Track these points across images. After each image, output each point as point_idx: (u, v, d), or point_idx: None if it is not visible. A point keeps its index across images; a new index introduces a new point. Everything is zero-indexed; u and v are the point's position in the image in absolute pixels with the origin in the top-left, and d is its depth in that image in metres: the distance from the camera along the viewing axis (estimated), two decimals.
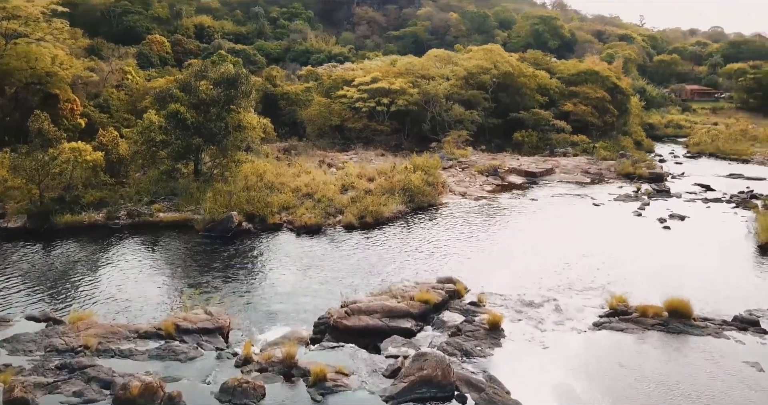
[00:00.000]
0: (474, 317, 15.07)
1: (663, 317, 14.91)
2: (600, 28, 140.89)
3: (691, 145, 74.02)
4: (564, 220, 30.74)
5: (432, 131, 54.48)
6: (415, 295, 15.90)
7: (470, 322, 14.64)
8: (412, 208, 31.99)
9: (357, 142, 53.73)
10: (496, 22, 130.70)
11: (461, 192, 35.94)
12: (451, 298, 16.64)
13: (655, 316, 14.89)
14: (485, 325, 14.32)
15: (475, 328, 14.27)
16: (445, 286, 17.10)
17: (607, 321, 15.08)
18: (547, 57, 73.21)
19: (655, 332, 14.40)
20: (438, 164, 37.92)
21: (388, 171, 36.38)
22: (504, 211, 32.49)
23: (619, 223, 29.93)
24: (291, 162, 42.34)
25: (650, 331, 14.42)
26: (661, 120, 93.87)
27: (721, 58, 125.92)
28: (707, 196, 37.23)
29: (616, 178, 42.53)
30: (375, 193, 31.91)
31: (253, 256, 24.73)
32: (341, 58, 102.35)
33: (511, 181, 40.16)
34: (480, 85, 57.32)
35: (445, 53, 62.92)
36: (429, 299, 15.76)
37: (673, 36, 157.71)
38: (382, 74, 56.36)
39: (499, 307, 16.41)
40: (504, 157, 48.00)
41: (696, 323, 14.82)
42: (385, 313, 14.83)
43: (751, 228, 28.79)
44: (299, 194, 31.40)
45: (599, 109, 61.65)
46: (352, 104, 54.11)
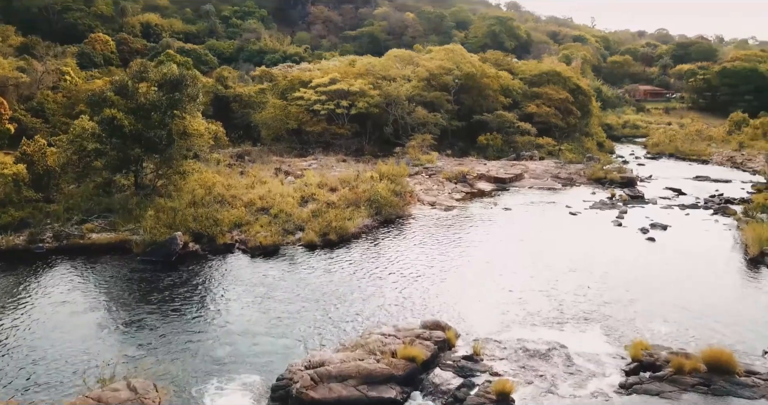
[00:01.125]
0: (473, 378, 12.24)
1: (702, 373, 12.39)
2: (554, 30, 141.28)
3: (651, 145, 73.65)
4: (542, 232, 28.36)
5: (395, 135, 51.67)
6: (397, 349, 12.94)
7: (470, 387, 11.80)
8: (379, 222, 29.05)
9: (316, 147, 50.43)
10: (453, 23, 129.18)
11: (430, 201, 33.21)
12: (441, 351, 13.73)
13: (693, 371, 12.34)
14: (491, 394, 11.44)
15: (479, 400, 11.37)
16: (433, 335, 14.17)
17: (636, 382, 12.41)
18: (508, 57, 71.47)
19: (696, 395, 11.85)
20: (405, 172, 35.13)
21: (352, 180, 33.34)
22: (477, 223, 29.90)
23: (600, 235, 27.73)
24: (245, 170, 38.81)
25: (690, 394, 11.87)
26: (618, 120, 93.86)
27: (670, 59, 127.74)
28: (683, 201, 35.67)
29: (587, 182, 40.63)
30: (338, 205, 28.82)
31: (199, 284, 21.29)
32: (297, 58, 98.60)
33: (481, 188, 37.69)
34: (442, 87, 54.83)
35: (406, 53, 60.23)
36: (415, 356, 12.81)
37: (624, 37, 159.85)
38: (341, 75, 53.21)
39: (500, 360, 13.57)
40: (471, 162, 45.60)
41: (742, 380, 12.30)
42: (362, 378, 11.82)
43: (736, 238, 27.08)
44: (253, 209, 28.00)
45: (562, 111, 60.10)
46: (309, 107, 50.73)
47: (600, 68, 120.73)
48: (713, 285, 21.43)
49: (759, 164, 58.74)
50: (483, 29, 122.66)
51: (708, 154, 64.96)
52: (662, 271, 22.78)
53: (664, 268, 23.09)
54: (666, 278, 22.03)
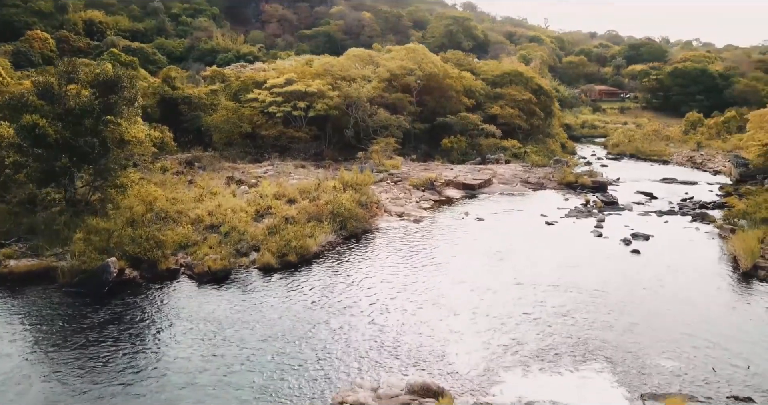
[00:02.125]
0: None
1: None
2: (511, 30, 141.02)
3: (611, 146, 73.09)
4: (520, 245, 26.02)
5: (356, 138, 48.79)
6: None
7: None
8: (344, 237, 26.15)
9: (272, 152, 47.10)
10: (411, 23, 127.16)
11: (398, 212, 30.52)
12: None
13: None
14: None
15: None
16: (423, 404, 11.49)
17: None
18: (469, 57, 69.54)
19: None
20: (370, 180, 32.31)
21: (313, 190, 30.31)
22: (450, 236, 27.35)
23: (582, 247, 25.60)
24: (194, 178, 35.27)
25: None
26: (576, 121, 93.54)
27: (623, 60, 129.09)
28: (658, 206, 34.11)
29: (558, 187, 38.72)
30: (298, 220, 25.76)
31: (135, 321, 17.97)
32: (251, 57, 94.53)
33: (450, 195, 35.25)
34: (404, 88, 52.28)
35: (365, 53, 57.41)
36: None
37: (578, 38, 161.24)
38: (298, 75, 49.98)
39: None
40: (437, 167, 43.13)
41: None
42: None
43: (723, 249, 25.39)
44: (201, 226, 24.64)
45: (526, 112, 58.45)
46: (264, 109, 47.34)
47: (556, 68, 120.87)
48: (712, 305, 19.47)
49: (718, 164, 58.51)
50: (440, 29, 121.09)
51: (668, 155, 64.63)
52: (654, 289, 20.73)
53: (655, 286, 21.04)
54: (660, 297, 19.97)
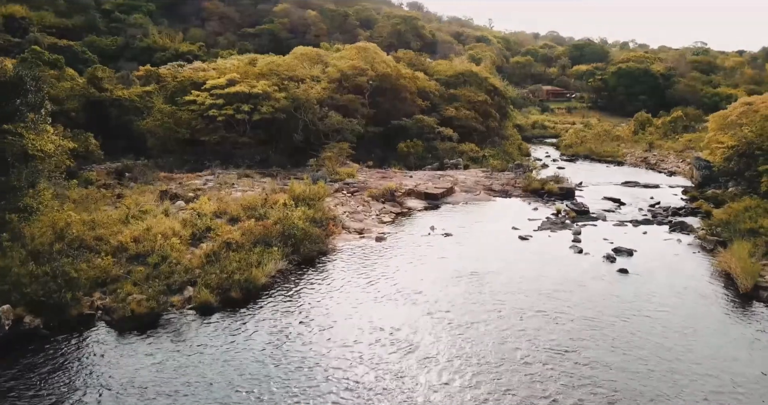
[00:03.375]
0: None
1: None
2: (458, 30, 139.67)
3: (563, 147, 72.01)
4: (495, 264, 23.04)
5: (306, 143, 44.98)
6: None
7: None
8: (296, 263, 22.50)
9: (213, 159, 42.74)
10: (357, 22, 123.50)
11: (357, 229, 27.07)
12: None
13: None
14: None
15: None
16: None
17: None
18: (422, 57, 66.75)
19: None
20: (324, 193, 28.64)
21: (259, 205, 26.48)
22: (417, 256, 24.12)
23: (564, 266, 22.87)
24: (122, 193, 30.78)
25: None
26: (527, 121, 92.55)
27: (568, 60, 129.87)
28: (631, 214, 32.03)
29: (524, 195, 36.19)
30: (242, 244, 21.93)
31: (31, 391, 13.86)
32: (190, 56, 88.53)
33: (412, 206, 32.09)
34: (356, 89, 48.84)
35: (313, 51, 53.58)
36: None
37: (523, 38, 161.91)
38: (241, 75, 45.70)
39: None
40: (395, 174, 39.88)
41: None
42: None
43: (712, 264, 23.22)
44: (125, 256, 20.49)
45: (482, 114, 56.15)
46: (204, 112, 42.89)
47: (504, 69, 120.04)
48: (724, 338, 16.98)
49: (672, 165, 58.00)
50: (388, 28, 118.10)
51: (621, 155, 63.88)
52: (655, 318, 18.15)
53: (655, 314, 18.46)
54: (665, 329, 17.37)
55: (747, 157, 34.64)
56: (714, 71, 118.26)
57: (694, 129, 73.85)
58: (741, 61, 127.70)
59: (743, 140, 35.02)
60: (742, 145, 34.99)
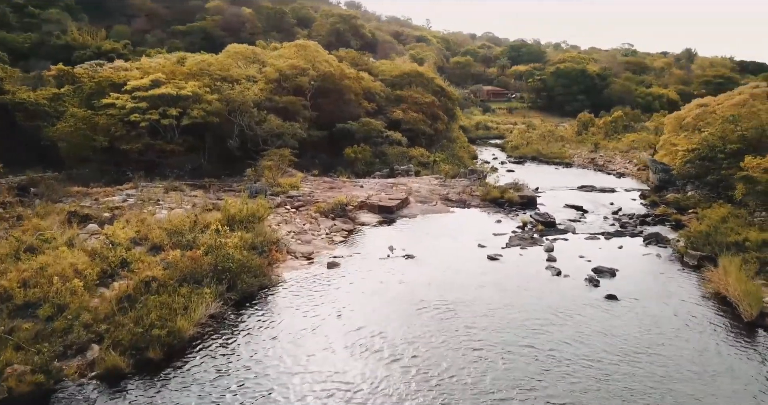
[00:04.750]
0: None
1: None
2: (398, 30, 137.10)
3: (510, 148, 70.50)
4: (467, 294, 19.82)
5: (242, 149, 40.58)
6: None
7: None
8: (233, 303, 18.49)
9: (137, 170, 37.61)
10: (295, 20, 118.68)
11: (305, 253, 23.22)
12: None
13: None
14: None
15: None
16: None
17: None
18: (365, 56, 63.23)
19: None
20: (265, 212, 24.51)
21: (187, 229, 22.19)
22: (377, 286, 20.57)
23: (544, 293, 19.91)
24: (23, 214, 25.67)
25: None
26: (470, 122, 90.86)
27: (507, 61, 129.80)
28: (598, 224, 29.77)
29: (483, 205, 33.34)
30: (165, 282, 17.71)
31: None
32: (114, 55, 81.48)
33: (365, 221, 28.50)
34: (297, 90, 44.74)
35: (248, 49, 48.98)
36: None
37: (461, 39, 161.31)
38: (167, 75, 40.72)
39: None
40: (344, 183, 36.13)
41: None
42: None
43: (702, 283, 20.92)
44: (9, 307, 15.86)
45: (430, 116, 53.28)
46: (125, 117, 37.72)
47: (445, 69, 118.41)
48: (740, 379, 14.41)
49: (619, 166, 57.19)
50: (326, 27, 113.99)
51: (569, 157, 62.75)
52: (663, 358, 15.38)
53: (662, 353, 15.67)
54: (678, 373, 14.61)
55: (708, 161, 33.14)
56: (645, 72, 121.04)
57: (634, 129, 74.18)
58: (669, 62, 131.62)
59: (704, 143, 33.52)
60: (703, 148, 33.48)
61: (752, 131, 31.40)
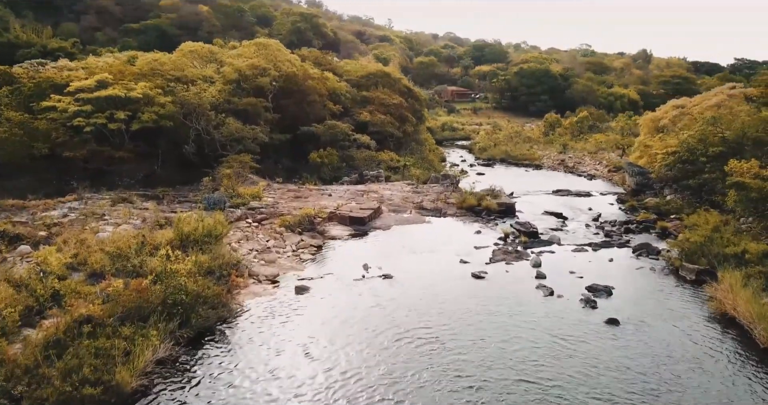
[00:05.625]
0: None
1: None
2: (360, 29, 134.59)
3: (478, 150, 68.95)
4: (454, 320, 17.61)
5: (199, 155, 37.53)
6: None
7: None
8: (186, 341, 15.77)
9: (82, 179, 34.17)
10: (254, 18, 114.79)
11: (270, 276, 20.59)
12: None
13: None
14: None
15: None
16: None
17: None
18: (329, 56, 60.57)
19: None
20: (224, 229, 21.70)
21: (133, 251, 19.30)
22: (351, 315, 18.14)
23: (538, 318, 17.85)
24: None
25: None
26: (436, 123, 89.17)
27: (471, 61, 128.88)
28: (581, 232, 28.08)
29: (460, 213, 31.27)
30: (104, 320, 14.88)
31: None
32: (62, 54, 76.47)
33: (336, 235, 26.00)
34: (258, 91, 41.84)
35: (205, 48, 45.72)
36: None
37: (424, 39, 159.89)
38: (115, 76, 37.30)
39: None
40: (310, 191, 33.49)
41: None
42: None
43: (705, 302, 19.27)
44: None
45: (398, 118, 51.08)
46: (68, 121, 34.22)
47: (408, 69, 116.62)
48: None
49: (590, 167, 56.22)
50: (287, 26, 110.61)
51: (538, 158, 61.55)
52: (689, 394, 13.51)
53: (683, 392, 13.82)
54: None
55: (689, 164, 31.92)
56: (606, 72, 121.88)
57: (599, 129, 73.81)
58: (627, 62, 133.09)
59: (684, 146, 32.29)
60: (683, 151, 32.26)
61: (733, 133, 30.25)
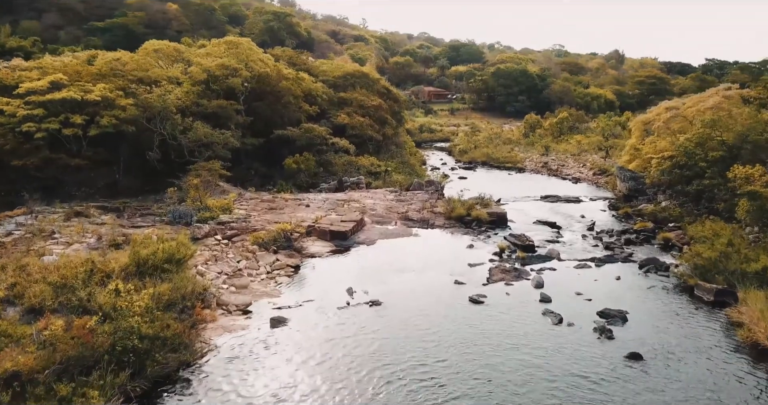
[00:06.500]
0: None
1: None
2: (334, 29, 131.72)
3: (458, 152, 66.85)
4: (454, 356, 15.28)
5: (165, 162, 34.52)
6: None
7: None
8: (139, 393, 13.07)
9: (34, 190, 30.87)
10: (225, 17, 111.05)
11: (241, 305, 17.93)
12: None
13: None
14: None
15: None
16: None
17: None
18: (304, 56, 57.75)
19: None
20: (189, 251, 18.84)
21: (80, 281, 16.44)
22: (335, 352, 15.65)
23: (549, 353, 15.56)
24: None
25: None
26: (414, 124, 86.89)
27: (447, 61, 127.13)
28: (579, 245, 26.01)
29: (449, 224, 28.96)
30: (36, 375, 12.11)
31: None
32: (21, 53, 72.08)
33: (315, 252, 23.43)
34: (228, 93, 38.96)
35: (170, 46, 42.53)
36: None
37: (399, 39, 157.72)
38: (71, 77, 34.03)
39: None
40: (286, 201, 30.79)
41: None
42: None
43: (732, 328, 17.27)
44: None
45: (377, 120, 48.64)
46: (16, 126, 30.92)
47: (385, 69, 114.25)
48: None
49: (574, 170, 54.60)
50: (260, 25, 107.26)
51: (521, 161, 59.75)
52: None
53: None
54: None
55: (687, 169, 30.18)
56: (581, 72, 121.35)
57: (579, 130, 72.54)
58: (602, 63, 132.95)
59: (681, 150, 30.54)
60: (680, 155, 30.51)
61: (733, 137, 28.58)
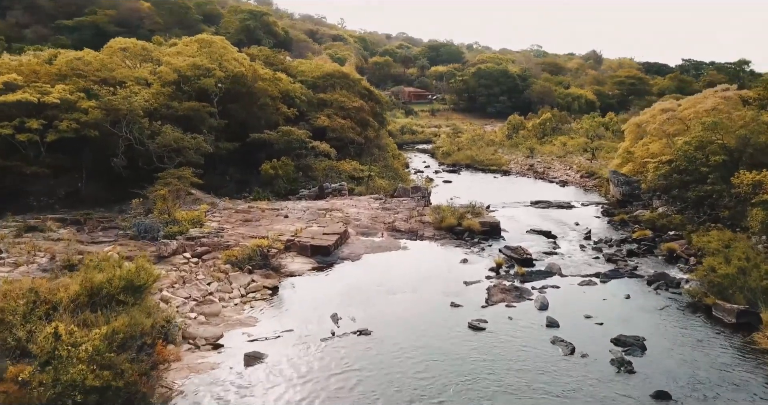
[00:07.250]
0: None
1: None
2: (312, 28, 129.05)
3: (441, 154, 65.00)
4: (454, 400, 13.28)
5: (132, 167, 31.89)
6: None
7: None
8: None
9: None
10: (200, 16, 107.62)
11: (210, 338, 15.61)
12: None
13: None
14: None
15: None
16: None
17: None
18: (281, 55, 55.25)
19: None
20: (151, 276, 16.33)
21: (20, 316, 13.97)
22: (318, 396, 13.50)
23: (563, 394, 13.60)
24: None
25: None
26: (395, 126, 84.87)
27: (426, 61, 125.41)
28: (582, 258, 24.18)
29: (438, 235, 26.92)
30: None
31: None
32: None
33: (295, 270, 21.18)
34: (201, 94, 36.39)
35: (138, 45, 39.70)
36: None
37: (378, 39, 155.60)
38: (26, 77, 31.20)
39: None
40: (262, 212, 28.40)
41: None
42: None
43: (756, 356, 15.55)
44: None
45: (359, 122, 46.48)
46: None
47: (364, 69, 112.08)
48: None
49: (561, 173, 53.14)
50: (235, 24, 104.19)
51: (506, 163, 58.12)
52: None
53: None
54: None
55: (687, 174, 28.64)
56: (561, 72, 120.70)
57: (562, 130, 71.37)
58: (581, 63, 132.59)
59: (680, 154, 28.99)
60: (680, 159, 28.96)
61: (734, 140, 27.09)
